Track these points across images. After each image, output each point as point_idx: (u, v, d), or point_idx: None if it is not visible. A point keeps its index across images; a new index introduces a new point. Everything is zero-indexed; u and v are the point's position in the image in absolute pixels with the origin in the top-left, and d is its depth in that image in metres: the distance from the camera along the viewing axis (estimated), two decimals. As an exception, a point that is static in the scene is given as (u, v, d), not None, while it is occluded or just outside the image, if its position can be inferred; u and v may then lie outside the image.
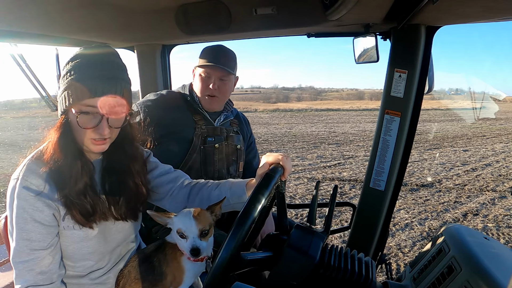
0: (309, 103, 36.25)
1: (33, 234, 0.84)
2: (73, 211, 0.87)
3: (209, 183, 1.07)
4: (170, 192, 1.07)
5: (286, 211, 0.88)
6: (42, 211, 0.85)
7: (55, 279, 0.88)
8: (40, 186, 0.84)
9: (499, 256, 0.85)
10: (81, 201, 0.88)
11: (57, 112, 0.91)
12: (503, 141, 10.54)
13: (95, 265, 0.97)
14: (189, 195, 1.05)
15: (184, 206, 1.05)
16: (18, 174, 0.86)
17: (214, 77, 1.45)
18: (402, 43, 1.41)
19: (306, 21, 1.41)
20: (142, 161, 1.05)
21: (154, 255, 0.98)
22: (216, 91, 1.46)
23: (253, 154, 1.73)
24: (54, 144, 0.86)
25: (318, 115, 21.21)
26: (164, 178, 1.08)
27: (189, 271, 0.95)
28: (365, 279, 0.80)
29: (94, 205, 0.90)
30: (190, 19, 1.49)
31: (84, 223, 0.89)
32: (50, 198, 0.85)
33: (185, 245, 0.90)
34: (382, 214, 1.59)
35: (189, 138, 1.45)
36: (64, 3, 1.21)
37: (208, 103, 1.49)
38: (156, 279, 0.95)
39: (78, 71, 0.84)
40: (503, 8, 1.11)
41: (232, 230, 0.66)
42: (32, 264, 0.85)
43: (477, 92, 6.94)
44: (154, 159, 1.12)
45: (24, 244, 0.84)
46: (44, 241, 0.86)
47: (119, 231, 1.00)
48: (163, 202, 1.09)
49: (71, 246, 0.92)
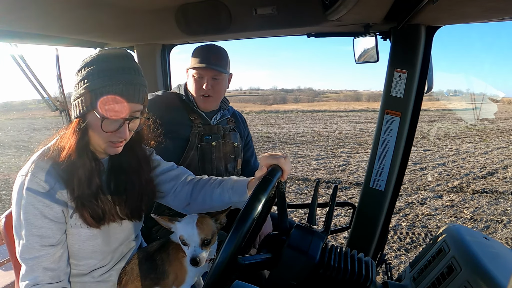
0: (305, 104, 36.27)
1: (44, 230, 0.85)
2: (84, 212, 0.88)
3: (211, 179, 1.07)
4: (173, 189, 1.08)
5: (287, 211, 0.88)
6: (52, 208, 0.85)
7: (63, 277, 0.89)
8: (50, 183, 0.85)
9: (499, 256, 0.85)
10: (92, 203, 0.88)
11: (70, 113, 0.92)
12: (474, 141, 10.41)
13: (97, 264, 0.98)
14: (192, 192, 1.06)
15: (187, 203, 1.05)
16: (26, 171, 0.86)
17: (206, 77, 1.46)
18: (402, 43, 1.41)
19: (306, 21, 1.41)
20: (148, 160, 1.06)
21: (157, 254, 0.98)
22: (210, 91, 1.47)
23: (250, 152, 1.74)
24: (71, 145, 0.86)
25: (304, 116, 21.07)
26: (167, 175, 1.09)
27: (191, 271, 0.96)
28: (365, 279, 0.80)
29: (104, 207, 0.91)
30: (190, 19, 1.50)
31: (93, 225, 0.90)
32: (59, 195, 0.86)
33: (187, 252, 0.91)
34: (382, 214, 1.59)
35: (186, 136, 1.46)
36: (64, 3, 1.21)
37: (203, 102, 1.49)
38: (158, 277, 0.95)
39: (100, 75, 0.84)
40: (503, 8, 1.11)
41: (229, 235, 0.65)
42: (43, 260, 0.85)
43: (475, 93, 6.94)
44: (157, 157, 1.13)
45: (34, 240, 0.85)
46: (54, 237, 0.86)
47: (123, 231, 1.01)
48: (166, 200, 1.09)
49: (77, 245, 0.92)
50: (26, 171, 0.85)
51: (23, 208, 0.84)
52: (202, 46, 1.51)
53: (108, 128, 0.86)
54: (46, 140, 0.93)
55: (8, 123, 16.25)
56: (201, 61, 1.45)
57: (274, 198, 0.94)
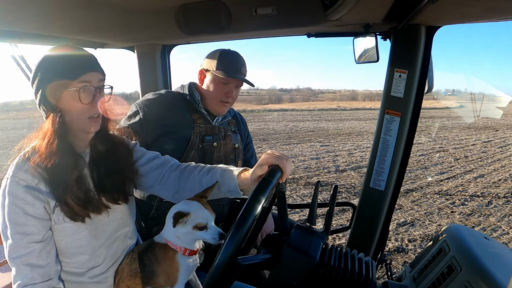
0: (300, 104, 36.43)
1: (27, 227, 0.86)
2: (68, 201, 0.89)
3: (200, 166, 1.08)
4: (160, 177, 1.08)
5: (287, 211, 0.88)
6: (33, 205, 0.86)
7: (53, 275, 0.89)
8: (28, 181, 0.86)
9: (499, 256, 0.85)
10: (74, 196, 0.90)
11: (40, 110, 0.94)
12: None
13: (91, 261, 0.98)
14: (180, 178, 1.07)
15: (175, 190, 1.06)
16: (8, 173, 0.88)
17: (232, 85, 1.47)
18: (402, 43, 1.41)
19: (306, 21, 1.41)
20: (125, 145, 1.09)
21: (144, 254, 0.99)
22: (231, 98, 1.49)
23: (250, 153, 1.74)
24: (49, 141, 0.88)
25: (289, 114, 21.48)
26: (152, 164, 1.10)
27: (183, 267, 0.96)
28: (365, 279, 0.80)
29: (86, 197, 0.92)
30: (190, 19, 1.50)
31: (76, 217, 0.91)
32: (39, 192, 0.87)
33: (207, 235, 0.92)
34: (382, 214, 1.59)
35: (187, 136, 1.46)
36: (64, 4, 1.21)
37: (221, 107, 1.51)
38: (147, 277, 0.96)
39: (56, 62, 0.90)
40: (503, 8, 1.11)
41: (229, 236, 0.65)
42: (30, 257, 0.86)
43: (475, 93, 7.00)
44: (141, 148, 1.14)
45: (19, 238, 0.86)
46: (39, 234, 0.87)
47: (110, 222, 1.01)
48: (154, 189, 1.10)
49: (64, 241, 0.93)
50: (8, 174, 0.88)
51: (6, 208, 0.86)
52: (230, 53, 1.49)
53: (85, 100, 0.90)
54: (24, 140, 0.95)
55: (8, 122, 16.36)
56: (233, 70, 1.45)
57: (274, 198, 0.95)
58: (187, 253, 0.95)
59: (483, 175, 6.15)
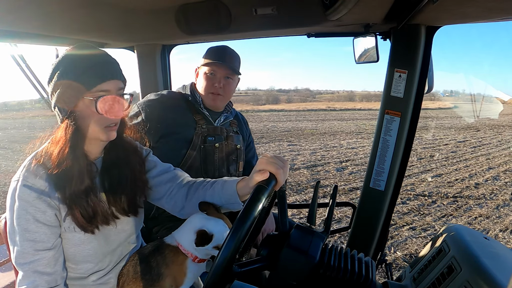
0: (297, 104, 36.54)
1: (37, 234, 0.84)
2: (75, 213, 0.87)
3: (205, 182, 1.06)
4: (169, 191, 1.07)
5: (287, 210, 0.88)
6: (44, 212, 0.84)
7: (59, 281, 0.88)
8: (41, 187, 0.84)
9: (499, 256, 0.85)
10: (83, 204, 0.88)
11: (55, 115, 0.91)
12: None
13: (96, 267, 0.97)
14: (187, 195, 1.05)
15: (182, 205, 1.05)
16: (18, 176, 0.85)
17: (219, 75, 1.46)
18: (402, 43, 1.41)
19: (306, 21, 1.41)
20: (139, 153, 1.06)
21: (151, 256, 0.97)
22: (221, 89, 1.47)
23: (252, 153, 1.74)
24: (62, 148, 0.86)
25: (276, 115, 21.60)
26: (163, 177, 1.08)
27: (191, 273, 0.95)
28: (365, 279, 0.80)
29: (95, 207, 0.90)
30: (190, 19, 1.50)
31: (86, 227, 0.89)
32: (51, 199, 0.85)
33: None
34: (382, 214, 1.59)
35: (189, 137, 1.45)
36: (64, 3, 1.21)
37: (212, 100, 1.49)
38: (153, 279, 0.94)
39: (75, 66, 0.86)
40: (503, 8, 1.11)
41: (225, 243, 0.65)
42: (38, 264, 0.84)
43: (474, 94, 7.01)
44: (154, 158, 1.12)
45: (28, 245, 0.84)
46: (49, 242, 0.86)
47: (119, 233, 1.00)
48: (161, 202, 1.09)
49: (72, 249, 0.92)
50: (18, 176, 0.85)
51: (16, 213, 0.84)
52: (217, 46, 1.51)
53: (103, 109, 0.86)
54: (36, 140, 0.92)
55: (8, 122, 16.35)
56: (216, 58, 1.45)
57: (274, 198, 0.94)
58: (197, 261, 0.94)
59: (440, 175, 6.11)
